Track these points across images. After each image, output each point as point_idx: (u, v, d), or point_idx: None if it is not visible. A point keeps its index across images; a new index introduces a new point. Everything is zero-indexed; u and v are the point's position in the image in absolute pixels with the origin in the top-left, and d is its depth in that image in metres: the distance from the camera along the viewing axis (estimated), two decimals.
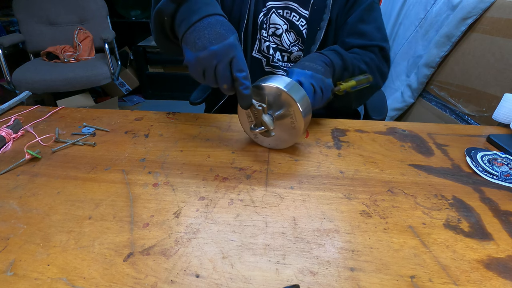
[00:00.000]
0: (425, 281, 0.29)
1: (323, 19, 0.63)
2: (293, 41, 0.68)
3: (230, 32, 0.39)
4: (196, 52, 0.39)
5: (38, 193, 0.40)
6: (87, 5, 1.95)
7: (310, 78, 0.49)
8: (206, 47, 0.38)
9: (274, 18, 0.67)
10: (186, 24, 0.40)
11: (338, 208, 0.38)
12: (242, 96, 0.40)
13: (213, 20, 0.39)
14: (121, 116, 0.61)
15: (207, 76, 0.40)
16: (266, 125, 0.44)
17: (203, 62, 0.39)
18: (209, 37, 0.38)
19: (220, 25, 0.39)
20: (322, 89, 0.50)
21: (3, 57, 1.64)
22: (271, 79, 0.45)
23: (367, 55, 0.63)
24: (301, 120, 0.44)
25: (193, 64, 0.40)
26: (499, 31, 0.85)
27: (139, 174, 0.44)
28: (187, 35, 0.40)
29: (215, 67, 0.39)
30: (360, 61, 0.61)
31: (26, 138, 0.53)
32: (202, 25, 0.39)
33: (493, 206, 0.39)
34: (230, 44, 0.38)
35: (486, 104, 0.89)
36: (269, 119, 0.44)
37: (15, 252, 0.32)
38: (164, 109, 0.69)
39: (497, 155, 0.48)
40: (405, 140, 0.53)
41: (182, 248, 0.32)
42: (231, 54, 0.38)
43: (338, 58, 0.56)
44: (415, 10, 1.22)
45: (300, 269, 0.30)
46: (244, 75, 0.39)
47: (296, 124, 0.45)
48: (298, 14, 0.66)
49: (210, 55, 0.38)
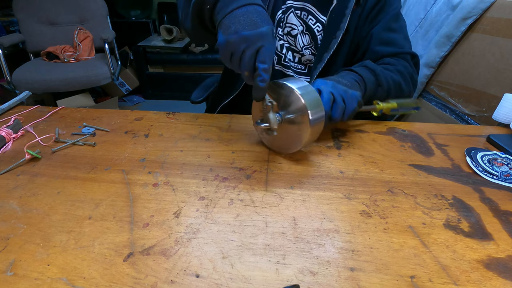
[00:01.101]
0: (425, 281, 0.29)
1: (340, 28, 0.63)
2: (307, 44, 0.68)
3: (265, 22, 0.39)
4: (227, 36, 0.39)
5: (38, 193, 0.40)
6: (87, 5, 1.95)
7: (330, 87, 0.47)
8: (238, 32, 0.38)
9: (291, 17, 0.67)
10: (224, 11, 0.40)
11: (338, 208, 0.38)
12: (257, 87, 0.40)
13: (251, 9, 0.39)
14: (121, 116, 0.61)
15: (233, 61, 0.40)
16: (270, 123, 0.42)
17: (232, 45, 0.39)
18: (243, 23, 0.38)
19: (257, 14, 0.39)
20: (344, 99, 0.48)
21: (3, 57, 1.64)
22: (291, 80, 0.43)
23: (400, 63, 0.63)
24: (307, 127, 0.41)
25: (223, 46, 0.40)
26: (499, 31, 0.85)
27: (139, 174, 0.44)
28: (224, 20, 0.40)
29: (242, 52, 0.39)
30: (394, 72, 0.60)
31: (26, 138, 0.53)
32: (239, 12, 0.39)
33: (493, 206, 0.39)
34: (261, 33, 0.38)
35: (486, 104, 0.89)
36: (274, 118, 0.42)
37: (15, 252, 0.32)
38: (164, 109, 0.69)
39: (497, 155, 0.48)
40: (405, 140, 0.53)
41: (182, 248, 0.32)
42: (260, 43, 0.38)
43: (370, 74, 0.55)
44: (415, 10, 1.22)
45: (300, 269, 0.30)
46: (265, 68, 0.39)
47: (302, 131, 0.42)
48: (315, 18, 0.66)
49: (240, 40, 0.38)
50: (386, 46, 0.64)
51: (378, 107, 0.53)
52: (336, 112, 0.47)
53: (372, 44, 0.65)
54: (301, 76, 0.71)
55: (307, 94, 0.41)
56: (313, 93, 0.42)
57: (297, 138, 0.44)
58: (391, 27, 0.65)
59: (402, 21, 0.67)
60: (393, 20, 0.65)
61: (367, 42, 0.65)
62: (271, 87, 0.44)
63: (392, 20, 0.65)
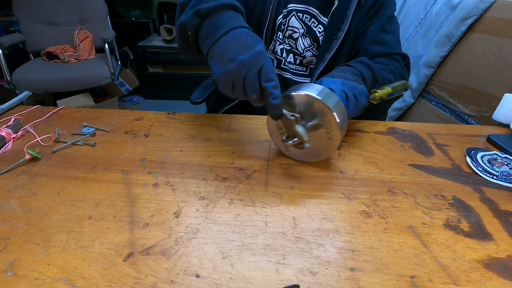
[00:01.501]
0: (425, 281, 0.29)
1: (341, 29, 0.63)
2: (308, 46, 0.68)
3: (257, 41, 0.38)
4: (223, 66, 0.37)
5: (38, 193, 0.40)
6: (87, 5, 1.95)
7: (341, 85, 0.47)
8: (234, 58, 0.36)
9: (293, 21, 0.67)
10: (211, 39, 0.38)
11: (338, 208, 0.38)
12: (272, 106, 0.38)
13: (239, 32, 0.38)
14: (121, 116, 0.61)
15: (236, 89, 0.38)
16: (299, 136, 0.40)
17: (232, 74, 0.37)
18: (236, 48, 0.37)
19: (246, 35, 0.38)
20: (355, 96, 0.47)
21: (3, 57, 1.64)
22: (302, 87, 0.42)
23: (392, 63, 0.63)
24: (337, 130, 0.40)
25: (222, 78, 0.38)
26: (499, 31, 0.85)
27: (139, 174, 0.44)
28: (213, 50, 0.38)
29: (244, 78, 0.37)
30: (387, 71, 0.60)
31: (26, 138, 0.53)
32: (228, 38, 0.37)
33: (493, 206, 0.39)
34: (258, 53, 0.37)
35: (486, 104, 0.89)
36: (303, 130, 0.40)
37: (15, 252, 0.32)
38: (164, 109, 0.69)
39: (497, 155, 0.48)
40: (405, 140, 0.53)
41: (182, 248, 0.32)
42: (259, 63, 0.37)
43: (367, 70, 0.55)
44: (415, 10, 1.22)
45: (300, 269, 0.30)
46: (273, 85, 0.37)
47: (332, 134, 0.41)
48: (317, 20, 0.66)
49: (239, 66, 0.36)
50: (379, 46, 0.65)
51: (377, 94, 0.53)
52: (350, 109, 0.46)
53: (365, 43, 0.66)
54: (301, 78, 0.71)
55: (327, 97, 0.40)
56: (331, 94, 0.41)
57: (328, 142, 0.42)
58: (385, 28, 0.65)
59: (395, 23, 0.68)
60: (387, 22, 0.66)
61: (361, 40, 0.66)
62: (284, 101, 0.42)
63: (386, 22, 0.65)
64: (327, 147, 0.43)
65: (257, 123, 0.58)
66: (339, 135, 0.40)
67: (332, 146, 0.42)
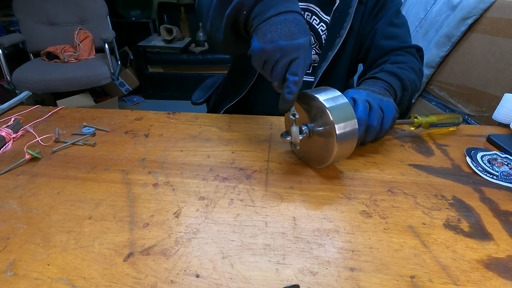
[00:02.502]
0: (425, 281, 0.29)
1: (344, 27, 0.63)
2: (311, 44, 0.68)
3: (303, 33, 0.38)
4: (263, 44, 0.38)
5: (38, 193, 0.40)
6: (87, 5, 1.96)
7: (365, 96, 0.46)
8: (274, 41, 0.37)
9: None
10: (261, 17, 0.38)
11: (338, 208, 0.38)
12: (283, 99, 0.39)
13: (290, 17, 0.38)
14: (121, 116, 0.61)
15: (266, 69, 0.40)
16: (292, 136, 0.40)
17: (267, 54, 0.38)
18: (280, 32, 0.37)
19: (296, 24, 0.38)
20: (381, 108, 0.46)
21: (3, 57, 1.64)
22: (322, 91, 0.41)
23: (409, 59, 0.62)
24: (333, 143, 0.38)
25: (257, 54, 0.39)
26: (499, 31, 0.85)
27: (139, 174, 0.44)
28: (260, 27, 0.38)
29: (275, 62, 0.38)
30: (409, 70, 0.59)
31: (26, 138, 0.53)
32: (277, 20, 0.38)
33: (493, 206, 0.39)
34: (298, 45, 0.37)
35: (486, 104, 0.89)
36: (297, 132, 0.40)
37: (15, 252, 0.32)
38: (164, 109, 0.69)
39: (497, 155, 0.48)
40: (405, 140, 0.53)
41: (182, 248, 0.32)
42: (294, 54, 0.37)
43: (395, 79, 0.54)
44: (415, 10, 1.22)
45: (300, 269, 0.30)
46: (295, 80, 0.38)
47: (329, 147, 0.39)
48: (319, 18, 0.66)
49: (275, 49, 0.37)
50: (391, 41, 0.64)
51: (417, 121, 0.51)
52: (374, 119, 0.44)
53: (376, 39, 0.65)
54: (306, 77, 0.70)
55: (336, 107, 0.39)
56: (344, 105, 0.39)
57: (326, 152, 0.41)
58: (394, 22, 0.65)
59: (403, 17, 0.68)
60: (395, 16, 0.65)
61: (371, 38, 0.66)
62: (302, 97, 0.43)
63: (394, 16, 0.65)
64: (324, 157, 0.42)
65: (257, 123, 0.58)
66: (336, 149, 0.39)
67: (328, 157, 0.41)
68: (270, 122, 0.59)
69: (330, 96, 0.40)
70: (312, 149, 0.44)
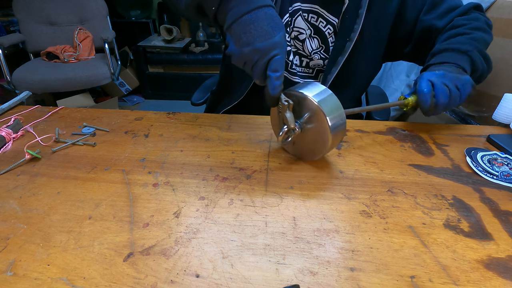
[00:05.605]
0: (425, 281, 0.29)
1: (354, 30, 0.60)
2: (316, 48, 0.66)
3: (277, 29, 0.38)
4: (240, 47, 0.39)
5: (38, 193, 0.40)
6: (87, 5, 1.96)
7: (442, 78, 0.46)
8: (250, 44, 0.38)
9: (299, 21, 0.64)
10: (233, 15, 0.39)
11: (338, 208, 0.38)
12: (268, 95, 0.40)
13: (262, 14, 0.38)
14: (121, 116, 0.61)
15: (246, 68, 0.41)
16: (287, 122, 0.41)
17: (245, 57, 0.39)
18: (254, 34, 0.38)
19: (268, 21, 0.38)
20: (458, 87, 0.47)
21: (3, 57, 1.64)
22: (306, 86, 0.42)
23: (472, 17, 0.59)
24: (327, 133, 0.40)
25: (236, 57, 0.40)
26: (499, 31, 0.85)
27: (139, 174, 0.44)
28: (234, 27, 0.39)
29: (255, 62, 0.39)
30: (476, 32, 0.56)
31: (26, 138, 0.53)
32: (250, 18, 0.38)
33: (493, 206, 0.39)
34: (275, 43, 0.38)
35: (486, 104, 0.89)
36: (291, 117, 0.41)
37: (15, 252, 0.32)
38: (164, 109, 0.69)
39: (497, 155, 0.48)
40: (405, 140, 0.53)
41: (182, 248, 0.32)
42: (272, 53, 0.38)
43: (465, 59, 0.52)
44: None
45: (300, 269, 0.30)
46: (277, 76, 0.39)
47: (323, 137, 0.41)
48: (325, 20, 0.63)
49: (253, 52, 0.38)
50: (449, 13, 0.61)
51: (406, 101, 0.53)
52: (453, 101, 0.47)
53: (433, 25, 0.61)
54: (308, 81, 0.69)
55: (325, 100, 0.40)
56: (331, 97, 0.41)
57: (320, 145, 0.42)
58: (435, 1, 0.62)
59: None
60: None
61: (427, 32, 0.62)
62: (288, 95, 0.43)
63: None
64: (319, 149, 0.43)
65: (257, 123, 0.58)
66: (330, 139, 0.41)
67: (323, 148, 0.43)
68: (270, 122, 0.59)
69: (316, 90, 0.42)
70: (304, 144, 0.45)
